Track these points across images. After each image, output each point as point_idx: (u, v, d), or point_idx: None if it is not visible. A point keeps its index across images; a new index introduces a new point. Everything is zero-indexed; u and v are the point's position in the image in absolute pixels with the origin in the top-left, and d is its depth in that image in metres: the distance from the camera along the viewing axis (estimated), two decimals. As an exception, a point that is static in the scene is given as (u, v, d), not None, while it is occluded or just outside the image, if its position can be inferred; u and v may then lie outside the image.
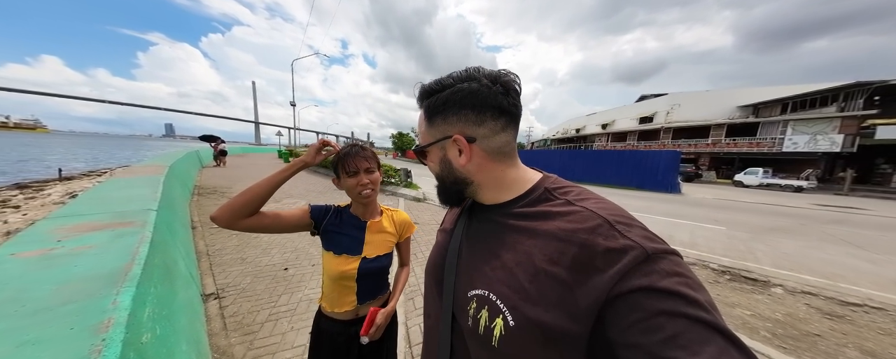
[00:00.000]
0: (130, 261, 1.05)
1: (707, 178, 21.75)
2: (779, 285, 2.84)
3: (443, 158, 0.45)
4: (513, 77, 0.41)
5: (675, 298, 0.27)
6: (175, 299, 1.37)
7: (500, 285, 0.38)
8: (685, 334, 0.25)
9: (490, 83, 0.40)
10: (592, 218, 0.35)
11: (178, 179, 4.74)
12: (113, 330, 0.69)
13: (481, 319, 0.38)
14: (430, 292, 0.53)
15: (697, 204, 8.75)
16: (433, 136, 0.45)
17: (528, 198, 0.43)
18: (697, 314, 0.26)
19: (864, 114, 17.22)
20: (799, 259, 3.74)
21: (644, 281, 0.28)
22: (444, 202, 0.50)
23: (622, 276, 0.29)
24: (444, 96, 0.41)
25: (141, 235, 1.35)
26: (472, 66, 0.43)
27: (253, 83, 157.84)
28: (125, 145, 77.22)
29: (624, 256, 0.30)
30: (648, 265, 0.29)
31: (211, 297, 2.21)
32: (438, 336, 0.47)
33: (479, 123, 0.41)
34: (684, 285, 0.28)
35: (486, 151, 0.42)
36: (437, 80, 0.43)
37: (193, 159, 9.93)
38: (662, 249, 0.30)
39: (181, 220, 3.29)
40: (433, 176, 0.50)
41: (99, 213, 1.65)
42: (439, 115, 0.43)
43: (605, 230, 0.33)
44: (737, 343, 0.25)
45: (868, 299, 2.58)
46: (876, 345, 1.96)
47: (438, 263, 0.51)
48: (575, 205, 0.38)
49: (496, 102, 0.40)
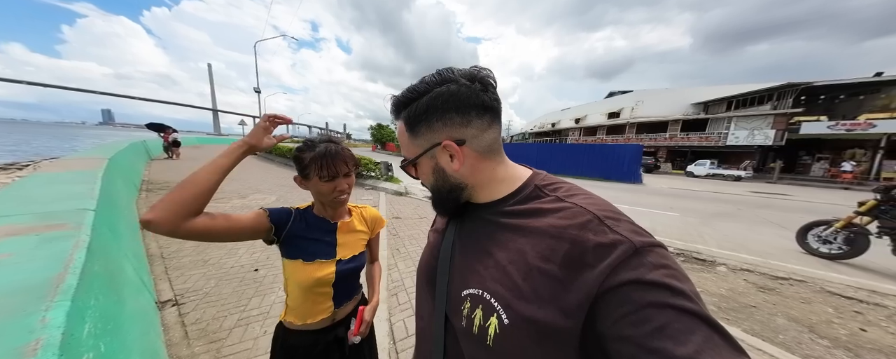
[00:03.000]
0: (63, 270, 0.91)
1: (664, 169, 23.77)
2: (723, 264, 3.21)
3: (435, 167, 0.44)
4: (487, 72, 0.41)
5: (661, 289, 0.28)
6: (123, 309, 1.22)
7: (494, 283, 0.38)
8: (672, 324, 0.26)
9: (468, 82, 0.39)
10: (582, 214, 0.35)
11: (120, 173, 4.20)
12: (42, 353, 0.59)
13: (476, 318, 0.38)
14: (421, 293, 0.52)
15: (656, 193, 9.55)
16: (420, 146, 0.43)
17: (520, 195, 0.42)
18: (683, 304, 0.27)
19: (792, 112, 19.67)
20: (738, 240, 4.24)
21: (632, 274, 0.29)
22: (442, 213, 0.49)
23: (612, 270, 0.30)
24: (423, 103, 0.40)
25: (75, 239, 1.16)
26: (443, 68, 0.41)
27: (209, 66, 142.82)
28: (51, 134, 66.77)
29: (613, 250, 0.30)
30: (636, 258, 0.30)
31: (168, 304, 2.01)
32: (432, 337, 0.46)
33: (466, 124, 0.40)
34: (670, 276, 0.29)
35: (477, 152, 0.42)
36: (409, 87, 0.41)
37: (139, 150, 8.86)
38: (649, 243, 0.31)
39: (127, 220, 2.93)
40: (426, 186, 0.48)
41: (19, 214, 1.40)
42: (422, 123, 0.41)
43: (594, 225, 0.33)
44: (720, 330, 0.27)
45: (792, 273, 3.00)
46: (798, 312, 2.29)
47: (431, 263, 0.51)
48: (565, 201, 0.38)
49: (478, 100, 0.39)
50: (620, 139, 28.34)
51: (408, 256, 3.07)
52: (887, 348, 1.88)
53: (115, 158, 4.20)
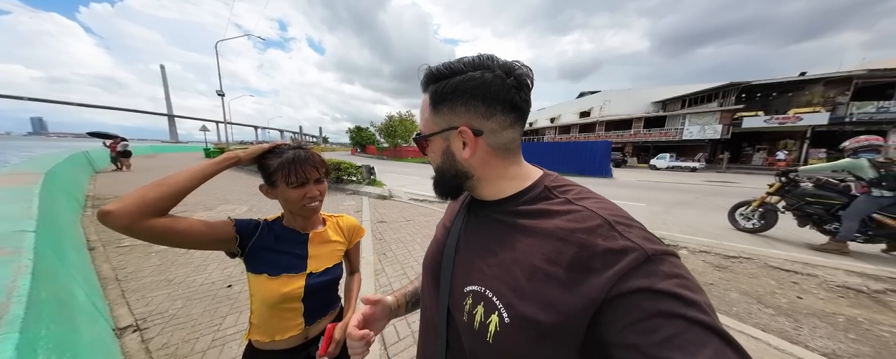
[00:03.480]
0: (6, 299, 0.81)
1: (631, 163, 25.49)
2: (684, 248, 3.51)
3: (445, 149, 0.43)
4: (526, 71, 0.40)
5: (673, 299, 0.27)
6: (78, 339, 1.10)
7: (497, 282, 0.38)
8: (683, 334, 0.26)
9: (504, 75, 0.38)
10: (592, 218, 0.35)
11: (61, 188, 3.74)
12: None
13: (477, 315, 0.38)
14: (426, 287, 0.53)
15: (625, 186, 10.22)
16: (437, 125, 0.42)
17: (528, 195, 0.42)
18: (695, 316, 0.26)
19: (735, 108, 21.97)
20: (696, 225, 4.66)
21: (643, 282, 0.28)
22: (441, 195, 0.48)
23: (621, 276, 0.29)
24: (453, 83, 0.39)
25: (16, 264, 1.04)
26: (484, 54, 0.40)
27: (162, 67, 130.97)
28: (-34, 148, 57.93)
29: (623, 257, 0.30)
30: (648, 267, 0.29)
31: (128, 330, 1.82)
32: (435, 329, 0.47)
33: (488, 117, 0.39)
34: (683, 286, 0.28)
35: (492, 147, 0.41)
36: (446, 63, 0.40)
37: (81, 162, 7.93)
38: (662, 251, 0.31)
39: (72, 240, 2.62)
40: (432, 165, 0.47)
41: (-63, 241, 1.22)
42: (446, 102, 0.40)
43: (604, 231, 0.33)
44: (734, 345, 0.26)
45: (742, 251, 3.35)
46: (748, 286, 2.57)
47: (435, 258, 0.51)
48: (575, 204, 0.38)
49: (508, 97, 0.38)
50: (592, 137, 29.98)
51: (395, 261, 3.03)
52: (819, 312, 2.17)
53: (52, 172, 3.74)
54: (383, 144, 34.86)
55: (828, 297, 2.40)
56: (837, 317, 2.12)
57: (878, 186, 2.98)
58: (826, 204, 3.38)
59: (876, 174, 2.99)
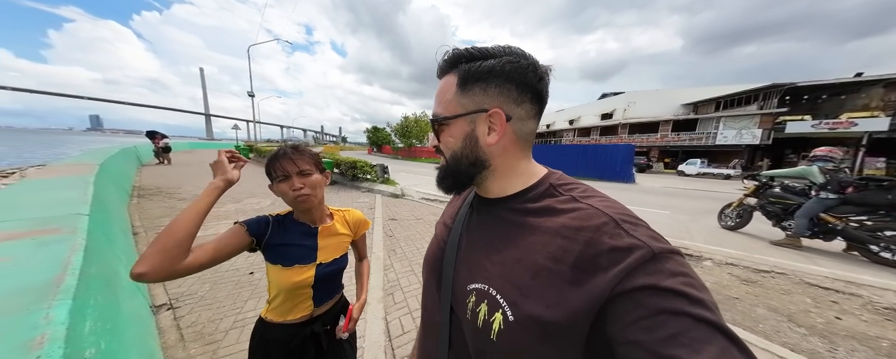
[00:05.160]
0: (62, 271, 0.94)
1: (656, 168, 24.18)
2: (709, 259, 3.31)
3: (469, 133, 0.41)
4: (548, 68, 0.40)
5: (679, 297, 0.27)
6: (120, 311, 1.24)
7: (501, 279, 0.38)
8: (687, 332, 0.25)
9: (535, 66, 0.39)
10: (598, 216, 0.34)
11: (112, 179, 4.17)
12: (49, 346, 0.63)
13: (480, 312, 0.38)
14: (428, 285, 0.53)
15: (648, 192, 9.72)
16: (464, 106, 0.40)
17: (533, 193, 0.42)
18: (701, 314, 0.26)
19: (778, 111, 20.23)
20: (725, 236, 4.36)
21: (649, 280, 0.28)
22: (447, 188, 0.45)
23: (627, 274, 0.29)
24: (489, 64, 0.38)
25: (72, 242, 1.19)
26: (512, 45, 0.41)
27: (201, 70, 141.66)
28: (38, 141, 65.23)
29: (629, 254, 0.30)
30: (654, 264, 0.29)
31: (163, 308, 2.02)
32: (436, 328, 0.47)
33: (519, 103, 0.39)
34: (688, 285, 0.28)
35: (516, 135, 0.41)
36: (477, 47, 0.40)
37: (130, 156, 8.75)
38: (668, 249, 0.30)
39: (119, 225, 2.92)
40: (444, 155, 0.44)
41: (13, 220, 1.42)
42: (480, 83, 0.38)
43: (610, 228, 0.33)
44: (738, 344, 0.26)
45: (775, 266, 3.11)
46: (778, 303, 2.39)
47: (437, 255, 0.51)
48: (580, 202, 0.37)
49: (538, 87, 0.39)
50: (613, 140, 28.77)
51: (404, 257, 3.10)
52: (860, 335, 1.98)
53: (106, 164, 4.17)
54: (398, 144, 35.54)
55: (872, 319, 2.17)
56: (881, 341, 1.92)
57: (824, 189, 3.45)
58: (785, 204, 3.89)
59: (823, 179, 3.47)
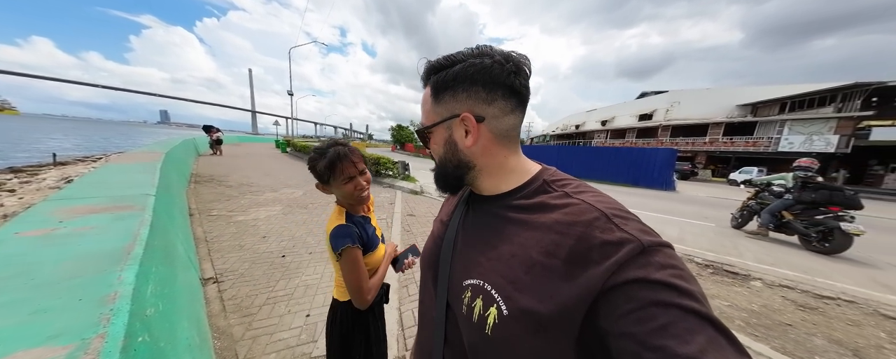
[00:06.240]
0: (132, 241, 1.10)
1: (702, 176, 21.96)
2: (758, 279, 2.96)
3: (448, 138, 0.43)
4: (524, 57, 0.41)
5: (668, 289, 0.28)
6: (175, 280, 1.42)
7: (496, 275, 0.38)
8: (677, 323, 0.26)
9: (502, 61, 0.39)
10: (590, 211, 0.35)
11: (174, 166, 4.74)
12: (120, 302, 0.74)
13: (476, 307, 0.39)
14: (424, 280, 0.54)
15: (690, 201, 8.88)
16: (439, 114, 0.43)
17: (527, 189, 0.42)
18: (689, 305, 0.27)
19: (861, 115, 17.33)
20: (781, 255, 3.86)
21: (639, 273, 0.29)
22: (442, 189, 0.49)
23: (618, 267, 0.30)
24: (454, 71, 0.40)
25: (141, 218, 1.39)
26: (483, 44, 0.42)
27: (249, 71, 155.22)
28: (117, 132, 76.17)
29: (620, 248, 0.30)
30: (644, 258, 0.30)
31: (210, 281, 2.27)
32: (433, 323, 0.48)
33: (490, 102, 0.40)
34: (678, 276, 0.29)
35: (494, 133, 0.41)
36: (446, 55, 0.42)
37: (190, 147, 9.87)
38: (657, 242, 0.31)
39: (179, 206, 3.32)
40: (435, 160, 0.47)
41: (97, 196, 1.69)
42: (448, 90, 0.41)
43: (602, 223, 0.33)
44: (726, 333, 0.26)
45: (842, 293, 2.70)
46: (843, 335, 2.07)
47: (434, 252, 0.52)
48: (573, 197, 0.38)
49: (508, 81, 0.39)
50: (652, 143, 26.64)
51: (421, 252, 3.17)
52: (951, 382, 1.66)
53: (170, 153, 4.75)
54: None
55: (972, 366, 1.81)
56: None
57: (789, 192, 4.47)
58: (764, 203, 4.88)
59: (792, 184, 4.47)
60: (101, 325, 0.65)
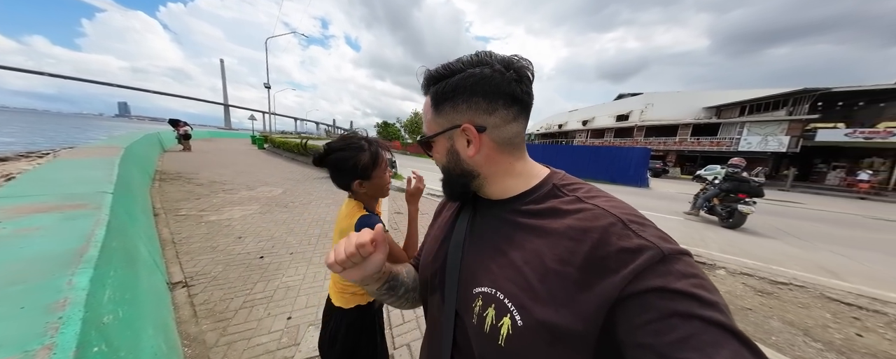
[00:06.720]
0: (86, 243, 1.00)
1: (673, 173, 23.38)
2: (722, 268, 3.19)
3: (450, 148, 0.43)
4: (525, 63, 0.40)
5: (690, 299, 0.26)
6: (138, 284, 1.31)
7: (508, 283, 0.37)
8: (699, 335, 0.25)
9: (503, 69, 0.38)
10: (605, 216, 0.34)
11: (135, 162, 4.37)
12: (71, 309, 0.67)
13: (487, 317, 0.37)
14: (430, 288, 0.52)
15: (663, 197, 9.44)
16: (440, 125, 0.42)
17: (536, 194, 0.41)
18: (712, 316, 0.26)
19: (808, 118, 19.09)
20: (742, 246, 4.18)
21: (659, 282, 0.28)
22: (450, 197, 0.48)
23: (636, 276, 0.28)
24: (453, 82, 0.39)
25: (97, 217, 1.26)
26: (482, 51, 0.40)
27: (221, 61, 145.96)
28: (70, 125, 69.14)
29: (639, 256, 0.29)
30: (664, 266, 0.29)
31: (179, 285, 2.12)
32: (440, 332, 0.46)
33: (491, 112, 0.39)
34: (699, 286, 0.27)
35: (496, 142, 0.40)
36: (445, 64, 0.41)
37: (153, 142, 9.14)
38: (677, 250, 0.30)
39: (141, 206, 3.07)
40: (439, 169, 0.47)
41: (44, 195, 1.51)
42: (448, 102, 0.40)
43: (618, 229, 0.32)
44: (751, 347, 0.25)
45: (794, 278, 2.97)
46: (795, 316, 2.28)
47: (439, 256, 0.50)
48: (586, 202, 0.37)
49: (509, 90, 0.38)
50: (628, 142, 27.96)
51: (407, 250, 3.14)
52: (882, 354, 1.87)
53: (130, 148, 4.37)
54: (408, 139, 35.73)
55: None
56: (907, 363, 1.81)
57: (720, 183, 5.46)
58: (703, 192, 5.94)
59: (722, 177, 5.47)
60: (48, 335, 0.58)
